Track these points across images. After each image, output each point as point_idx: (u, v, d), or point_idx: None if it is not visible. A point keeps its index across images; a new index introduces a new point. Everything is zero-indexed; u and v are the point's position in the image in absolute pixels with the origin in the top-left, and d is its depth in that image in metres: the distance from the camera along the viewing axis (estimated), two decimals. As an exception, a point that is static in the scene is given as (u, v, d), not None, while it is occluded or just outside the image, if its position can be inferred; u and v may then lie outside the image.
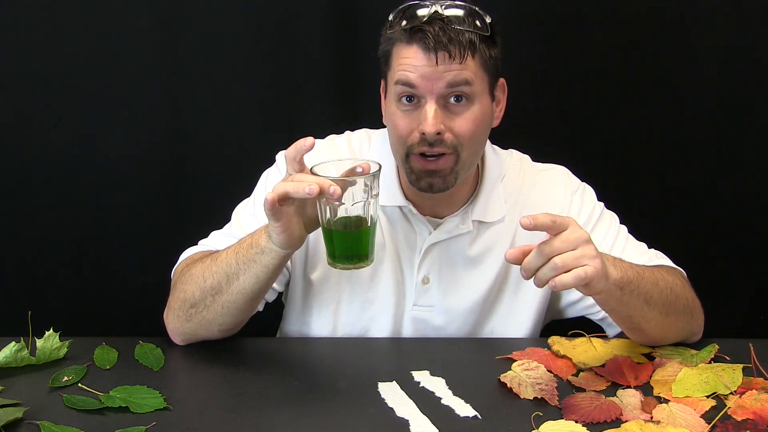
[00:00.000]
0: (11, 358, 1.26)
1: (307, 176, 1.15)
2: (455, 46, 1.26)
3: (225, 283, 1.28)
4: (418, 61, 1.27)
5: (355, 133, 1.50)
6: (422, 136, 1.29)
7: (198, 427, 1.13)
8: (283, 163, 1.43)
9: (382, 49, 1.34)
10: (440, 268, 1.43)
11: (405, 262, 1.44)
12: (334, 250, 1.16)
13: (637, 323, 1.31)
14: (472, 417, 1.16)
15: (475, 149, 1.35)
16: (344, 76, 1.91)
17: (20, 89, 1.87)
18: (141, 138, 1.92)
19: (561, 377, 1.27)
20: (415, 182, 1.34)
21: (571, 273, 1.14)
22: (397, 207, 1.42)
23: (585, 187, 1.50)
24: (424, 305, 1.45)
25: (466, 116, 1.30)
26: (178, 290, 1.35)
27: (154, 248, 1.59)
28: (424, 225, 1.42)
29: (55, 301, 1.95)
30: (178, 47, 1.88)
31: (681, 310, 1.34)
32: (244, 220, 1.44)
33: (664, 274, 1.34)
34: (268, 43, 1.89)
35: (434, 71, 1.27)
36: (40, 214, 1.93)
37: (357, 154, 1.45)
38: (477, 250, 1.43)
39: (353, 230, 1.15)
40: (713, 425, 1.14)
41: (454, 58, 1.26)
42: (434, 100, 1.28)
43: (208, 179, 1.93)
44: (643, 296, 1.27)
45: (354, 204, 1.13)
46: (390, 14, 1.33)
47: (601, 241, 1.43)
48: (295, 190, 1.12)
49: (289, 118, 1.93)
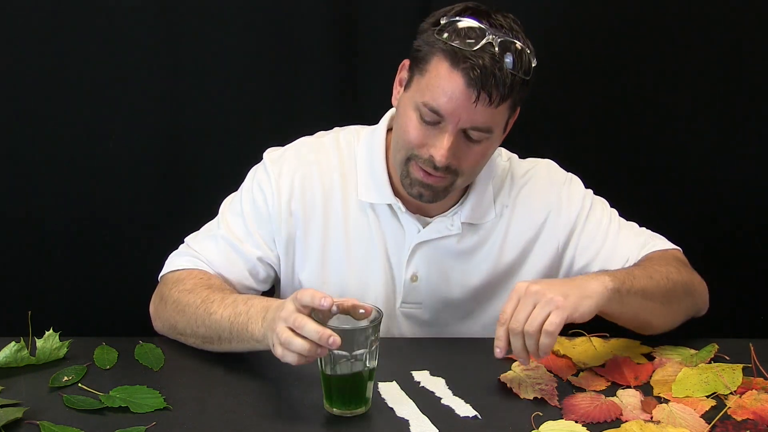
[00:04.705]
0: (11, 358, 1.26)
1: (312, 326, 1.09)
2: (497, 91, 1.24)
3: (217, 340, 1.30)
4: (456, 92, 1.24)
5: (344, 131, 1.49)
6: (431, 158, 1.29)
7: (198, 427, 1.13)
8: (271, 163, 1.43)
9: (421, 48, 1.30)
10: (429, 265, 1.43)
11: (393, 260, 1.44)
12: (332, 395, 1.15)
13: (643, 319, 1.33)
14: (472, 417, 1.16)
15: (472, 176, 1.38)
16: (344, 77, 1.91)
17: (20, 89, 1.87)
18: (141, 138, 1.91)
19: (561, 377, 1.27)
20: (408, 186, 1.34)
21: (543, 334, 1.16)
22: (386, 204, 1.42)
23: (571, 178, 1.49)
24: (412, 302, 1.45)
25: (478, 150, 1.31)
26: (168, 312, 1.37)
27: (154, 248, 1.59)
28: (413, 223, 1.41)
29: (55, 301, 1.95)
30: (178, 47, 1.87)
31: (681, 294, 1.36)
32: (233, 222, 1.44)
33: (656, 264, 1.36)
34: (268, 43, 1.88)
35: (468, 107, 1.25)
36: (40, 214, 1.93)
37: (344, 154, 1.44)
38: (467, 245, 1.43)
39: (351, 377, 1.13)
40: (713, 425, 1.14)
41: (492, 102, 1.25)
42: (454, 132, 1.27)
43: (208, 179, 1.93)
44: (641, 292, 1.28)
45: (354, 352, 1.12)
46: (441, 16, 1.29)
47: (595, 230, 1.44)
48: (309, 354, 1.10)
49: (289, 117, 1.92)
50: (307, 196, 1.42)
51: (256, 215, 1.43)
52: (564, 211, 1.45)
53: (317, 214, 1.42)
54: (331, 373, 1.14)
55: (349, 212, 1.42)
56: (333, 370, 1.14)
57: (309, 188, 1.42)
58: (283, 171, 1.43)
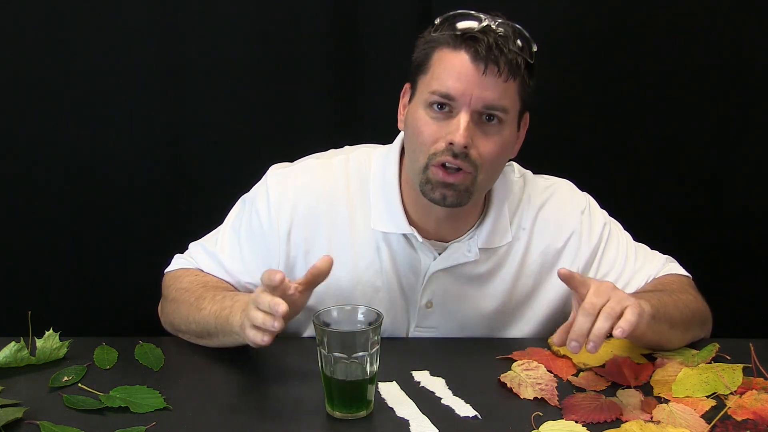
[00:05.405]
0: (11, 358, 1.26)
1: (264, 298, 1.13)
2: (504, 62, 1.23)
3: (206, 335, 1.32)
4: (464, 68, 1.24)
5: (355, 152, 1.43)
6: (449, 145, 1.25)
7: (198, 427, 1.13)
8: (274, 186, 1.39)
9: (420, 52, 1.30)
10: (444, 292, 1.40)
11: (408, 288, 1.41)
12: (333, 398, 1.15)
13: (660, 344, 1.33)
14: (472, 417, 1.16)
15: (493, 174, 1.33)
16: (345, 77, 1.91)
17: (20, 89, 1.87)
18: (141, 138, 1.91)
19: (561, 377, 1.27)
20: (429, 192, 1.29)
21: (624, 318, 1.14)
22: (401, 234, 1.38)
23: (589, 202, 1.47)
24: (426, 327, 1.43)
25: (495, 139, 1.28)
26: (167, 309, 1.42)
27: (154, 248, 1.59)
28: (428, 250, 1.38)
29: (55, 301, 1.95)
30: (178, 47, 1.88)
31: (697, 323, 1.38)
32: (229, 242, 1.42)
33: (679, 293, 1.36)
34: (269, 43, 1.88)
35: (480, 81, 1.23)
36: (40, 215, 1.93)
37: (354, 178, 1.40)
38: (483, 269, 1.41)
39: (353, 381, 1.13)
40: (713, 425, 1.14)
41: (501, 74, 1.23)
42: (468, 113, 1.25)
43: (208, 179, 1.93)
44: (668, 321, 1.29)
45: (354, 355, 1.12)
46: (436, 19, 1.29)
47: (614, 258, 1.44)
48: (264, 324, 1.12)
49: (290, 118, 1.92)
50: (309, 222, 1.38)
51: (251, 240, 1.41)
52: (585, 238, 1.42)
53: (321, 242, 1.38)
54: (331, 376, 1.14)
55: (357, 240, 1.38)
56: (333, 373, 1.13)
57: (312, 215, 1.38)
58: (284, 197, 1.38)
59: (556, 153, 1.55)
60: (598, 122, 1.97)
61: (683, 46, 1.92)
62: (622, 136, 1.97)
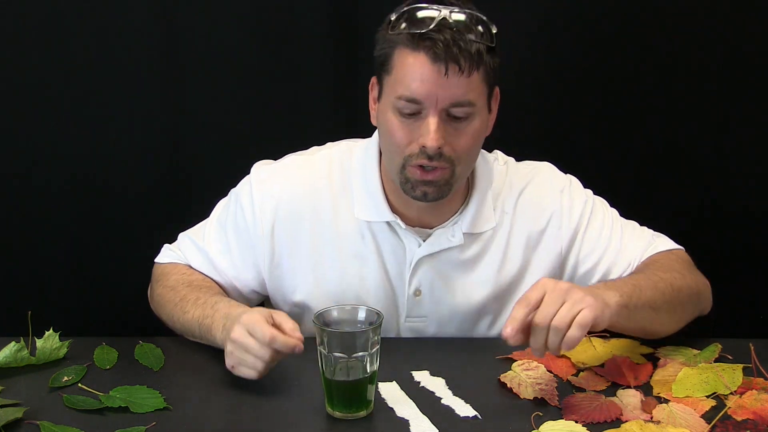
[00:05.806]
0: (11, 358, 1.26)
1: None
2: (464, 59, 1.22)
3: (191, 336, 1.36)
4: (425, 71, 1.23)
5: (336, 147, 1.45)
6: (422, 148, 1.26)
7: (198, 427, 1.13)
8: (257, 184, 1.41)
9: (381, 50, 1.30)
10: (432, 279, 1.41)
11: (394, 277, 1.41)
12: (333, 398, 1.15)
13: (650, 329, 1.32)
14: (472, 417, 1.16)
15: (470, 163, 1.35)
16: (344, 77, 1.91)
17: (20, 89, 1.87)
18: (141, 138, 1.92)
19: (561, 377, 1.27)
20: (410, 191, 1.31)
21: (574, 326, 1.13)
22: (384, 222, 1.39)
23: (571, 180, 1.47)
24: (416, 317, 1.43)
25: (467, 132, 1.28)
26: (154, 304, 1.46)
27: (154, 248, 1.59)
28: (412, 237, 1.38)
29: (55, 301, 1.95)
30: (178, 47, 1.88)
31: (686, 300, 1.35)
32: (216, 238, 1.45)
33: (661, 271, 1.34)
34: (269, 43, 1.89)
35: (442, 82, 1.23)
36: (40, 214, 1.93)
37: (337, 171, 1.41)
38: (469, 255, 1.41)
39: (353, 381, 1.13)
40: (713, 425, 1.14)
41: (463, 71, 1.23)
42: (437, 113, 1.25)
43: (208, 179, 1.93)
44: (648, 306, 1.27)
45: (354, 355, 1.12)
46: (391, 15, 1.28)
47: (597, 235, 1.43)
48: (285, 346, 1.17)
49: (289, 118, 1.92)
50: (293, 218, 1.40)
51: (238, 236, 1.43)
52: (565, 217, 1.43)
53: (304, 236, 1.40)
54: (331, 377, 1.14)
55: (341, 231, 1.39)
56: (333, 374, 1.13)
57: (296, 211, 1.40)
58: (267, 194, 1.40)
59: (556, 153, 1.54)
60: (598, 122, 1.97)
61: (683, 46, 1.92)
62: (622, 136, 1.97)
